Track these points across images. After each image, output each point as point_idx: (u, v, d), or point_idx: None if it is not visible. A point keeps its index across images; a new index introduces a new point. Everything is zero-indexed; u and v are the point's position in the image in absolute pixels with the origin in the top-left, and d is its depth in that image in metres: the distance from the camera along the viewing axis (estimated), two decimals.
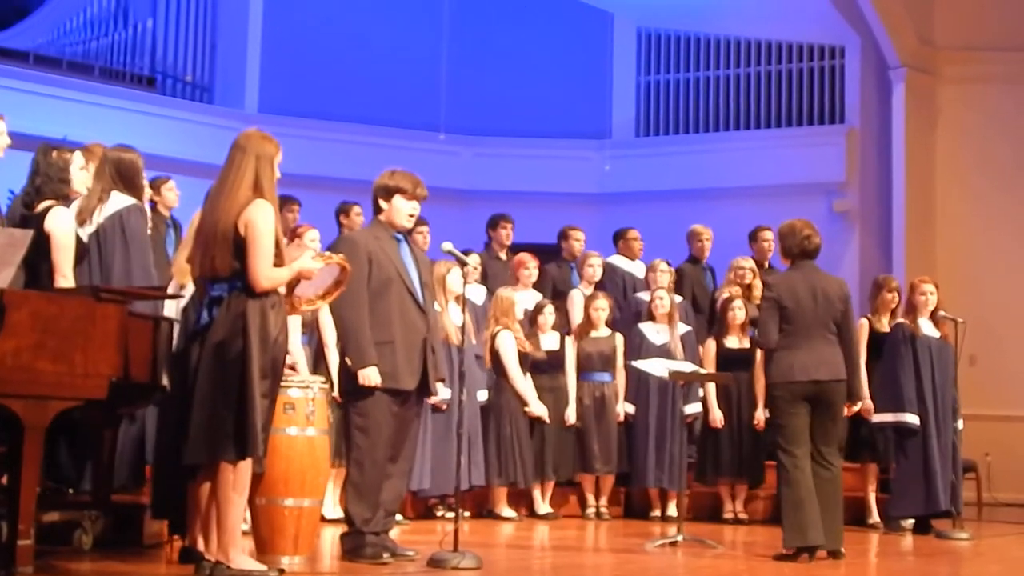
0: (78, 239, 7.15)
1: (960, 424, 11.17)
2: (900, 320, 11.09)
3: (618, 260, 13.01)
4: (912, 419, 10.77)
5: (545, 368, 11.46)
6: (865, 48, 16.45)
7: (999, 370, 15.21)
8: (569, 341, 11.64)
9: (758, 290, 11.78)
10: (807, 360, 8.30)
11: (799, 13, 16.73)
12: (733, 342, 11.60)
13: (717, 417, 11.48)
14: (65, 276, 6.92)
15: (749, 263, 12.33)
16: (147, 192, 9.98)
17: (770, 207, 15.24)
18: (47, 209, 7.01)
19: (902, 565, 9.10)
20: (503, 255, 12.78)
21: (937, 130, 16.23)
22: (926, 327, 10.97)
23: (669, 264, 12.38)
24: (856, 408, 9.04)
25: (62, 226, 6.98)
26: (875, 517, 11.34)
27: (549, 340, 11.57)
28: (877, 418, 10.88)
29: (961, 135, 16.14)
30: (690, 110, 17.84)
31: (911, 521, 10.90)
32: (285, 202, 12.10)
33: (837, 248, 15.82)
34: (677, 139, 17.76)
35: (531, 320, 11.64)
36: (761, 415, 11.32)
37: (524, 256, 12.17)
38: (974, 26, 16.17)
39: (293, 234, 10.58)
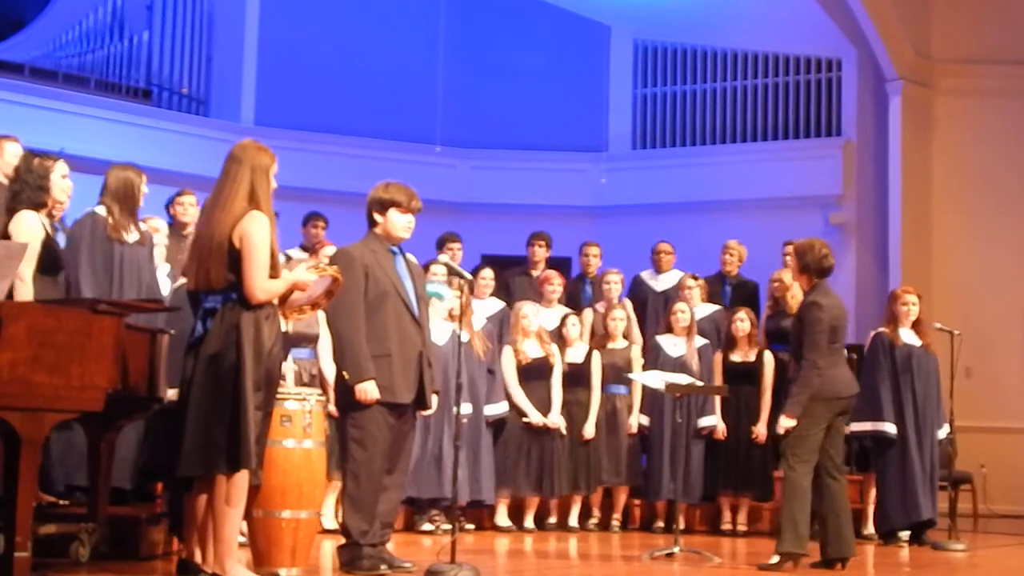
0: (51, 248, 7.13)
1: (943, 433, 11.14)
2: (880, 329, 11.13)
3: (646, 274, 13.07)
4: (890, 428, 10.80)
5: (566, 381, 11.46)
6: (862, 61, 16.46)
7: (994, 382, 15.23)
8: (596, 356, 11.63)
9: (796, 300, 11.69)
10: (846, 376, 8.57)
11: (796, 26, 16.74)
12: (738, 356, 11.61)
13: (720, 429, 11.49)
14: (23, 281, 6.92)
15: (780, 275, 12.21)
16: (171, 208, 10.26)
17: (767, 220, 15.29)
18: (13, 212, 7.01)
19: None
20: (536, 272, 12.77)
21: (933, 143, 16.25)
22: (907, 337, 11.00)
23: (696, 278, 12.39)
24: None
25: (22, 231, 6.98)
26: (871, 528, 11.33)
27: (574, 353, 11.58)
28: (855, 427, 10.85)
29: (957, 148, 16.15)
30: (687, 123, 17.85)
31: (907, 533, 10.90)
32: (311, 218, 12.25)
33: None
34: (674, 152, 17.76)
35: (558, 333, 11.66)
36: (763, 429, 11.33)
37: (549, 272, 12.21)
38: (971, 39, 16.20)
39: (313, 250, 10.68)
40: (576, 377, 11.52)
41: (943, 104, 16.28)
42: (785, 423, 8.33)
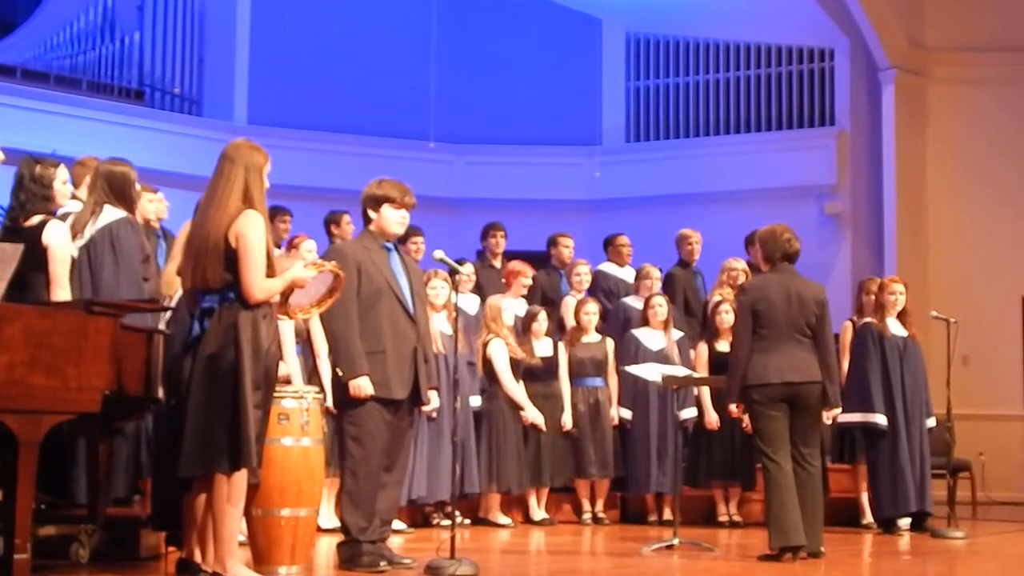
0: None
1: (932, 423, 11.15)
2: (868, 320, 11.10)
3: (608, 267, 13.03)
4: (880, 419, 10.78)
5: (539, 375, 11.47)
6: (854, 50, 16.47)
7: (991, 370, 15.26)
8: (562, 347, 11.64)
9: None
10: (780, 362, 8.30)
11: (788, 16, 16.75)
12: (724, 345, 11.57)
13: (712, 419, 11.46)
14: (63, 287, 6.94)
15: (741, 264, 12.24)
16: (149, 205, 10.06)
17: (762, 211, 15.24)
18: (42, 223, 7.00)
19: (899, 565, 9.12)
20: (496, 263, 12.76)
21: (927, 131, 16.26)
22: (894, 327, 10.99)
23: (660, 270, 12.41)
24: (834, 413, 9.01)
25: (59, 239, 6.99)
26: (868, 518, 11.31)
27: (543, 346, 11.56)
28: (845, 418, 10.76)
29: (951, 136, 16.16)
30: (680, 115, 17.85)
31: (907, 521, 10.89)
32: (277, 213, 12.08)
33: (829, 251, 15.86)
34: (667, 144, 17.76)
35: (525, 327, 11.64)
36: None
37: (520, 266, 12.13)
38: (964, 27, 16.20)
39: (290, 245, 10.57)
40: (551, 370, 11.54)
41: (936, 92, 16.28)
42: (732, 411, 8.89)
